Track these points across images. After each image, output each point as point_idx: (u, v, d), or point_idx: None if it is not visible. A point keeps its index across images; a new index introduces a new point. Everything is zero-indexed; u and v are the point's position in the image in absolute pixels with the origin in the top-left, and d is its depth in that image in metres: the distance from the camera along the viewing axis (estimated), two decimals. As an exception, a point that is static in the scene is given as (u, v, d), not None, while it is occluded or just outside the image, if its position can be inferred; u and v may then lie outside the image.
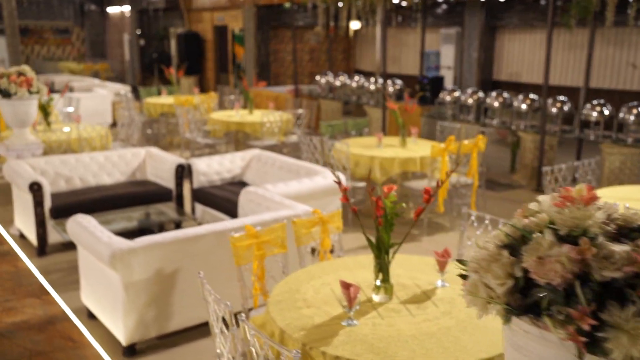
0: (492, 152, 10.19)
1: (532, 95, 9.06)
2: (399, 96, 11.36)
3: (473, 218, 3.86)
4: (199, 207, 6.26)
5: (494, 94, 9.48)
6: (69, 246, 5.75)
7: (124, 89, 14.11)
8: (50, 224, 5.56)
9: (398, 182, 6.94)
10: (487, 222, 3.70)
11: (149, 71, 19.37)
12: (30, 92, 6.10)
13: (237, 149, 9.57)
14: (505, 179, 9.24)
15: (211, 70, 18.34)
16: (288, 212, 4.45)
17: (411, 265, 3.32)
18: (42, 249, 5.66)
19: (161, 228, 5.39)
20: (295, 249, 3.68)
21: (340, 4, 11.90)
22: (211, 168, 6.39)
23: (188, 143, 9.85)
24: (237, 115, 9.42)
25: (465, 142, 6.49)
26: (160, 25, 20.38)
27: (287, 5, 15.99)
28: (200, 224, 5.99)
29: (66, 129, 7.73)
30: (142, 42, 19.94)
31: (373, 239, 2.88)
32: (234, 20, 16.89)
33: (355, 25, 11.70)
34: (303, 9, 16.41)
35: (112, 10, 24.31)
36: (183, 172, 6.34)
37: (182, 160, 6.36)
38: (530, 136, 8.82)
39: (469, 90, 9.82)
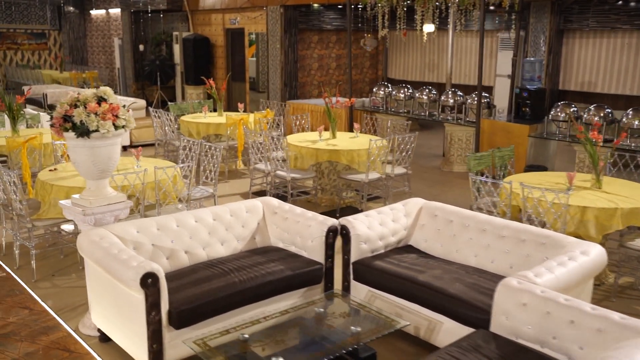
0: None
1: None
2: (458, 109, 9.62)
3: None
4: (360, 288, 4.35)
5: (630, 111, 7.82)
6: (190, 361, 3.79)
7: (139, 103, 11.97)
8: (177, 340, 3.56)
9: (611, 241, 5.17)
10: None
11: (149, 80, 17.13)
12: (116, 127, 4.08)
13: (320, 184, 7.63)
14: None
15: (222, 80, 16.24)
16: (653, 343, 2.61)
17: None
18: (154, 372, 3.66)
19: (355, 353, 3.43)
20: None
21: (378, 5, 10.06)
22: (374, 230, 4.47)
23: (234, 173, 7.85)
24: (320, 140, 7.50)
25: None
26: (158, 29, 18.17)
27: (316, 5, 14.13)
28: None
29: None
30: (141, 47, 17.67)
31: None
32: (253, 22, 14.90)
33: (429, 28, 9.94)
34: (333, 10, 14.57)
35: (95, 12, 21.92)
36: (335, 238, 4.41)
37: (334, 221, 4.42)
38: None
39: (592, 106, 8.14)
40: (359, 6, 11.49)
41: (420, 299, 3.92)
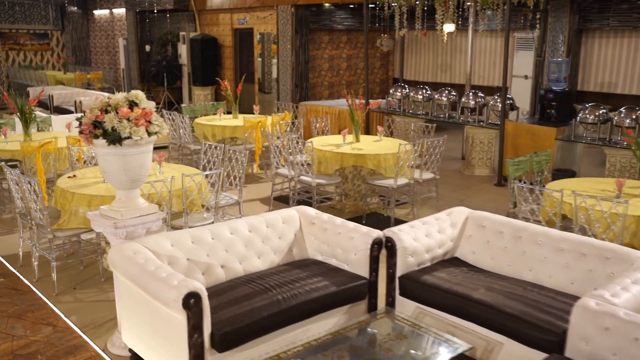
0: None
1: None
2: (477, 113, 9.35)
3: None
4: (407, 304, 4.08)
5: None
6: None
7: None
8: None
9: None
10: None
11: (155, 81, 16.84)
12: (149, 133, 3.81)
13: (344, 189, 7.36)
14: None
15: (230, 81, 15.97)
16: None
17: None
18: (195, 399, 3.39)
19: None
20: None
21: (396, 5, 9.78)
22: (420, 242, 4.21)
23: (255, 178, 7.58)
24: (343, 143, 7.23)
25: None
26: (164, 29, 17.90)
27: (327, 5, 13.87)
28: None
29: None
30: (147, 47, 17.38)
31: None
32: (262, 22, 14.63)
33: (449, 27, 9.68)
34: (345, 10, 14.31)
35: (98, 12, 21.64)
36: (379, 251, 4.15)
37: (379, 233, 4.16)
38: None
39: (623, 108, 7.88)
40: (371, 5, 11.24)
41: (477, 317, 3.66)
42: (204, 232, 4.08)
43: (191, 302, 3.22)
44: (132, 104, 3.82)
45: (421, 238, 4.24)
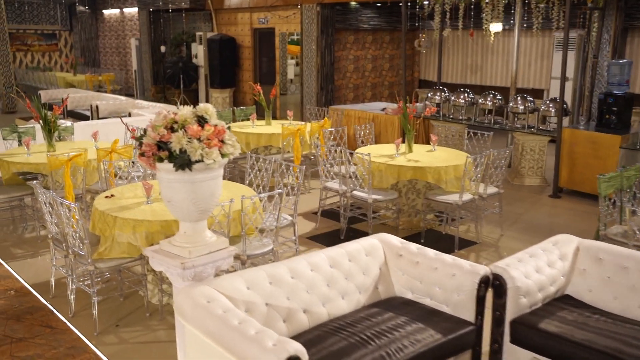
0: None
1: None
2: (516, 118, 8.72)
3: None
4: (520, 354, 3.46)
5: None
6: None
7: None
8: None
9: None
10: None
11: (170, 83, 16.22)
12: (222, 155, 3.19)
13: (399, 206, 6.73)
14: None
15: (248, 83, 15.39)
16: None
17: None
18: None
19: None
20: None
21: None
22: (531, 279, 3.59)
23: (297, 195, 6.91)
24: (397, 154, 6.62)
25: None
26: (178, 29, 17.28)
27: (353, 3, 13.25)
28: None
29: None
30: (162, 48, 16.77)
31: None
32: (285, 22, 14.01)
33: (496, 27, 9.07)
34: (371, 8, 13.69)
35: (108, 11, 21.03)
36: (486, 290, 3.53)
37: (485, 270, 3.54)
38: None
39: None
40: (408, 4, 10.62)
41: (620, 376, 3.04)
42: (281, 270, 3.46)
43: (292, 368, 2.60)
44: (202, 120, 3.21)
45: (531, 274, 3.62)
